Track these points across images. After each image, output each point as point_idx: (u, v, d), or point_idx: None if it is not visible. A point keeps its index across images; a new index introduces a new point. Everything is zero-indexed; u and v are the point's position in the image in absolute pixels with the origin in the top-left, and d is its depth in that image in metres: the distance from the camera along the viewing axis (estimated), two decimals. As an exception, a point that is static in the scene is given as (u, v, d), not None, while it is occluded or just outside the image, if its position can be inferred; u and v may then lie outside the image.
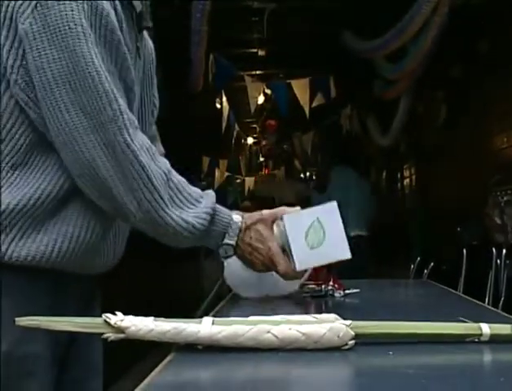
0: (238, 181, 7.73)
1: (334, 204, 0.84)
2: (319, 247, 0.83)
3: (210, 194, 0.84)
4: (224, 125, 5.82)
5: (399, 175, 5.94)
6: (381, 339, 0.64)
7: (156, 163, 0.78)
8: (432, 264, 2.75)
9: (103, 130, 0.73)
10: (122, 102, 0.75)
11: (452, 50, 3.82)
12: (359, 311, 0.68)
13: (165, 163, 0.80)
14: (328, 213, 0.84)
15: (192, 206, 0.80)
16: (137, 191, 0.75)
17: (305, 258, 0.84)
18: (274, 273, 0.88)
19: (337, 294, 1.09)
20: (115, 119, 0.73)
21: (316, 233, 0.83)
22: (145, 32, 0.92)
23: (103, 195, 0.76)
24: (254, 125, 9.17)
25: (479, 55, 3.60)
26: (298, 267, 0.84)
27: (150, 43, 0.96)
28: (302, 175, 8.73)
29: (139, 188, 0.75)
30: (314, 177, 7.93)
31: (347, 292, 1.10)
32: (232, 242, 0.84)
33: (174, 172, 0.81)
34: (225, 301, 1.00)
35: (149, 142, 0.79)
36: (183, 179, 0.82)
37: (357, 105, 5.75)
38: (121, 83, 0.77)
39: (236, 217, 0.85)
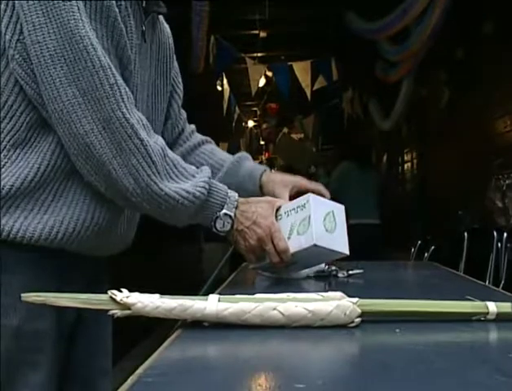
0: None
1: (343, 207, 0.93)
2: (332, 233, 0.89)
3: (205, 169, 0.84)
4: (225, 107, 5.79)
5: (400, 159, 5.92)
6: (388, 317, 0.64)
7: (153, 138, 0.77)
8: (433, 247, 2.74)
9: (98, 106, 0.72)
10: (119, 77, 0.74)
11: (455, 32, 3.78)
12: (364, 291, 0.69)
13: (160, 139, 0.79)
14: (339, 211, 0.92)
15: (190, 178, 0.80)
16: (135, 166, 0.74)
17: (320, 236, 0.87)
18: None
19: (340, 274, 1.09)
20: (112, 93, 0.72)
21: (330, 222, 0.90)
22: (162, 19, 0.91)
23: (99, 173, 0.75)
24: (255, 108, 9.14)
25: (483, 37, 3.56)
26: (315, 240, 0.86)
27: (167, 29, 0.95)
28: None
29: (138, 162, 0.74)
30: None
31: (351, 272, 1.10)
32: (231, 213, 0.83)
33: (169, 149, 0.80)
34: (230, 280, 1.00)
35: (145, 118, 0.78)
36: (177, 156, 0.82)
37: (359, 88, 5.72)
38: (116, 60, 0.76)
39: (232, 192, 0.85)
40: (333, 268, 1.09)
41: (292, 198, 0.95)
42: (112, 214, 0.81)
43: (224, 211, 0.82)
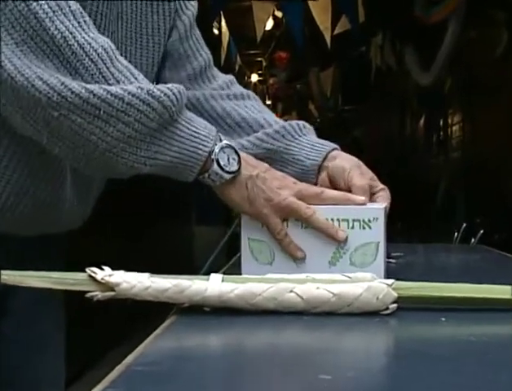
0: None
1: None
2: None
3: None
4: (223, 57, 5.75)
5: (441, 122, 5.90)
6: (430, 303, 0.65)
7: (90, 33, 0.74)
8: (482, 231, 2.75)
9: None
10: None
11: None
12: (401, 274, 0.69)
13: (106, 40, 0.75)
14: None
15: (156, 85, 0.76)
16: (66, 66, 0.71)
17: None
18: None
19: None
20: None
21: None
22: None
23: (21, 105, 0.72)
24: (260, 58, 9.07)
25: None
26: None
27: None
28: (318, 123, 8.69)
29: (47, 57, 0.71)
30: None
31: (391, 256, 1.11)
32: (234, 144, 0.80)
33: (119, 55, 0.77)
34: (237, 258, 1.02)
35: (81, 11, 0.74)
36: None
37: (392, 32, 5.66)
38: None
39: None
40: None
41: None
42: (53, 182, 0.83)
43: (225, 141, 0.79)
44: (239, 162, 0.79)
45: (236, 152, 0.79)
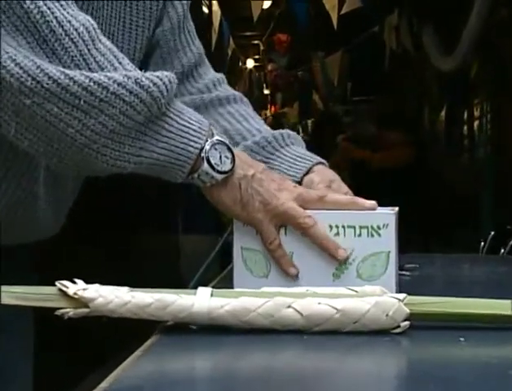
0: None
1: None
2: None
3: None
4: (214, 39, 5.77)
5: (466, 114, 5.92)
6: (447, 320, 0.66)
7: (70, 10, 0.74)
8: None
9: None
10: None
11: None
12: (414, 289, 0.71)
13: (88, 19, 0.76)
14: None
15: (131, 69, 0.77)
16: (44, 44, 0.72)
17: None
18: None
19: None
20: None
21: None
22: None
23: None
24: (257, 41, 9.10)
25: None
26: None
27: None
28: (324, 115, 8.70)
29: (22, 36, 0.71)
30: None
31: (405, 268, 1.12)
32: (227, 141, 0.81)
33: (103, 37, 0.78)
34: (228, 270, 1.02)
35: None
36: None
37: (408, 10, 5.68)
38: None
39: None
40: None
41: None
42: (25, 181, 0.84)
43: (217, 137, 0.80)
44: (232, 160, 0.80)
45: (230, 149, 0.80)
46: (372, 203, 0.82)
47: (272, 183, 0.81)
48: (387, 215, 0.80)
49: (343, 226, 0.79)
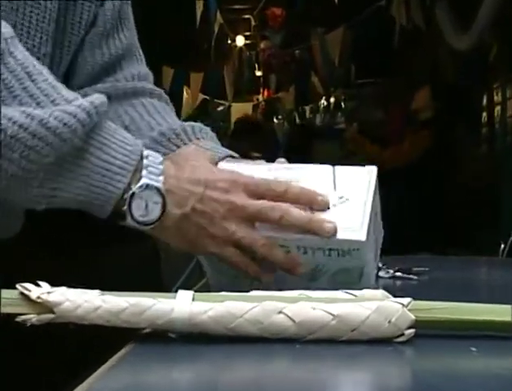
0: (220, 108, 7.72)
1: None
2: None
3: (96, 96, 0.82)
4: (198, 13, 5.77)
5: (485, 99, 5.93)
6: (456, 328, 0.67)
7: None
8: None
9: None
10: None
11: None
12: (421, 294, 0.71)
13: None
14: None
15: (57, 100, 0.77)
16: None
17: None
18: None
19: (383, 273, 1.13)
20: None
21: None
22: None
23: None
24: (248, 16, 9.07)
25: None
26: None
27: None
28: (323, 100, 8.70)
29: None
30: (343, 105, 7.91)
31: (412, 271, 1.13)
32: (156, 182, 0.80)
33: (21, 48, 0.78)
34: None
35: None
36: (39, 67, 0.79)
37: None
38: None
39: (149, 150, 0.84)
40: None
41: None
42: None
43: (145, 180, 0.80)
44: (162, 205, 0.80)
45: (159, 191, 0.80)
46: (331, 227, 0.83)
47: (216, 210, 0.82)
48: (357, 242, 0.83)
49: (312, 249, 0.84)
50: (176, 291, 0.82)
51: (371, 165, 0.87)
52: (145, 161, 0.81)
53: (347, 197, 0.84)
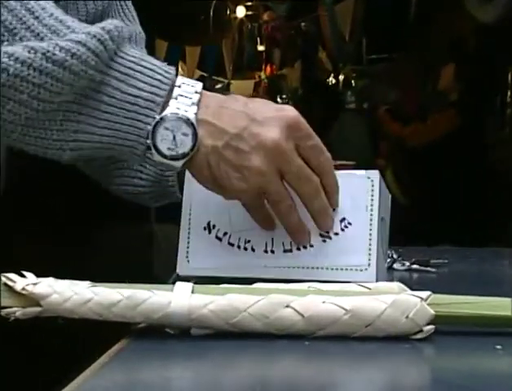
0: (218, 86, 7.70)
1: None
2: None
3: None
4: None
5: (510, 79, 5.91)
6: (479, 324, 0.68)
7: None
8: None
9: None
10: None
11: None
12: (441, 287, 0.72)
13: None
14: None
15: (63, 31, 0.75)
16: None
17: None
18: None
19: (398, 265, 1.14)
20: None
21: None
22: None
23: None
24: (249, -16, 9.05)
25: None
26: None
27: None
28: (332, 78, 8.69)
29: None
30: (353, 83, 7.89)
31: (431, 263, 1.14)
32: (184, 111, 0.78)
33: None
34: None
35: None
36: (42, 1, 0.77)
37: None
38: None
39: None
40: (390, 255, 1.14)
41: None
42: None
43: (170, 109, 0.78)
44: (194, 137, 0.78)
45: (189, 122, 0.77)
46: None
47: (254, 150, 0.79)
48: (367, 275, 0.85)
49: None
50: (174, 281, 0.83)
51: (373, 170, 0.88)
52: (176, 90, 0.79)
53: (350, 220, 0.85)
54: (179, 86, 0.80)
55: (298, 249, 0.84)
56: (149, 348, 0.63)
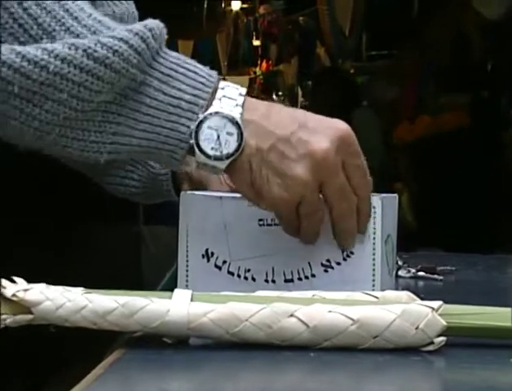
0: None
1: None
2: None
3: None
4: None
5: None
6: (493, 336, 0.68)
7: None
8: None
9: None
10: None
11: None
12: (449, 296, 0.72)
13: None
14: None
15: (104, 32, 0.75)
16: None
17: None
18: None
19: (403, 272, 1.13)
20: None
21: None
22: None
23: None
24: (245, -25, 9.06)
25: None
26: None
27: None
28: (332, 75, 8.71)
29: None
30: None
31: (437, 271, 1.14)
32: (229, 111, 0.77)
33: None
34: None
35: None
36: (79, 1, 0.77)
37: None
38: None
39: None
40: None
41: None
42: None
43: (215, 108, 0.77)
44: (239, 137, 0.77)
45: (233, 121, 0.77)
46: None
47: (300, 157, 0.77)
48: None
49: None
50: (164, 287, 0.83)
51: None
52: (220, 92, 0.78)
53: (352, 249, 0.85)
54: (223, 88, 0.79)
55: (300, 279, 0.84)
56: (146, 358, 0.63)
